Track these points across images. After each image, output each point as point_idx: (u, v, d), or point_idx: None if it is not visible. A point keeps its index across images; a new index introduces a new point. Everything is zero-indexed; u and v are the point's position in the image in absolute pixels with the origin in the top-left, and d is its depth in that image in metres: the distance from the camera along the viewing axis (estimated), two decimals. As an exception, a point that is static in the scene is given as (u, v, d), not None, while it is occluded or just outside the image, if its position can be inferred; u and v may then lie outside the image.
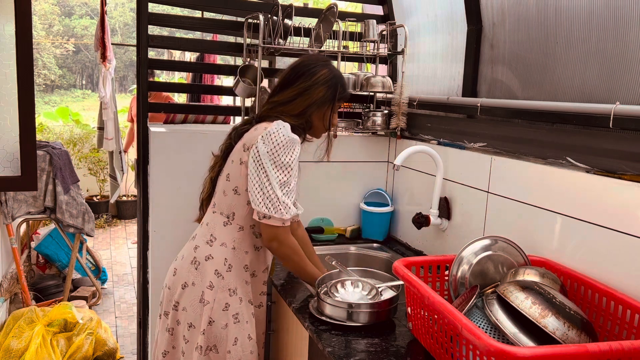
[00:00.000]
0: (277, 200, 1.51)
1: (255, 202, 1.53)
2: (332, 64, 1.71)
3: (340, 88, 1.66)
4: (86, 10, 14.54)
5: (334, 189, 2.46)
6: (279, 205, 1.52)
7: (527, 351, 1.01)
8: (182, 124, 2.49)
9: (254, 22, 2.26)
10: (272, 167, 1.51)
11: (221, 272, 1.61)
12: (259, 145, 1.53)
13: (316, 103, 1.63)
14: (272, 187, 1.51)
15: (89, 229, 3.71)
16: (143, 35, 2.22)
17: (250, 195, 1.55)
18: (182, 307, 1.63)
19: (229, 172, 1.63)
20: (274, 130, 1.53)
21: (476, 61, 2.08)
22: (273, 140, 1.52)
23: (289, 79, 1.65)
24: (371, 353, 1.37)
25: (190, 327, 1.61)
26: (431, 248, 2.17)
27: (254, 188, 1.53)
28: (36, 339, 2.73)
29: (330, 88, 1.63)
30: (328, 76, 1.63)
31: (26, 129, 2.17)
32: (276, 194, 1.51)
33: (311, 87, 1.61)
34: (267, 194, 1.51)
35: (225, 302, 1.60)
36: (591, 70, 1.59)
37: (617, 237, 1.35)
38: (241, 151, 1.60)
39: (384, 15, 2.62)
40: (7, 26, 2.09)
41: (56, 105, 12.35)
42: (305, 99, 1.62)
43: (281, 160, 1.52)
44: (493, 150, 1.87)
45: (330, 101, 1.64)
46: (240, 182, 1.60)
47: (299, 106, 1.62)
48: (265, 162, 1.51)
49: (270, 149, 1.52)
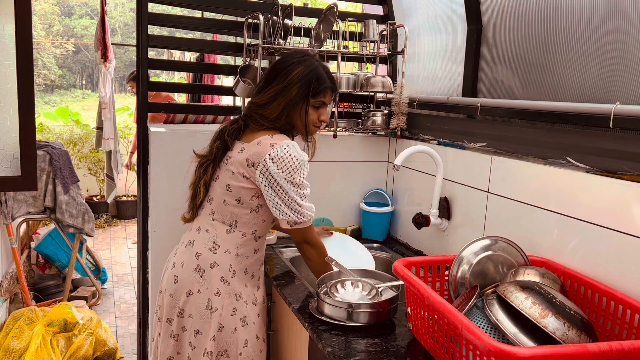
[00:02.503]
0: (301, 208, 1.60)
1: (284, 214, 1.59)
2: (310, 58, 1.66)
3: (315, 83, 1.61)
4: (86, 10, 14.54)
5: (334, 189, 2.46)
6: (304, 210, 1.62)
7: (527, 351, 1.01)
8: (182, 124, 2.49)
9: (254, 22, 2.26)
10: (291, 187, 1.57)
11: (227, 278, 1.62)
12: (271, 168, 1.54)
13: (290, 104, 1.61)
14: (294, 201, 1.58)
15: (89, 229, 3.71)
16: (143, 35, 2.22)
17: (275, 210, 1.60)
18: (188, 315, 1.63)
19: (229, 183, 1.61)
20: (285, 154, 1.54)
21: (476, 61, 2.08)
22: (286, 164, 1.54)
23: (267, 79, 1.65)
24: (371, 353, 1.37)
25: (197, 333, 1.62)
26: (431, 248, 2.17)
27: (278, 204, 1.58)
28: (36, 339, 2.73)
29: (304, 86, 1.60)
30: (302, 74, 1.60)
31: (26, 129, 2.17)
32: (301, 204, 1.60)
33: (285, 88, 1.60)
34: (293, 206, 1.59)
35: (232, 307, 1.62)
36: (591, 70, 1.59)
37: (617, 237, 1.35)
38: (244, 166, 1.58)
39: (384, 15, 2.62)
40: (7, 26, 2.09)
41: (56, 105, 12.34)
42: (280, 101, 1.60)
43: (297, 180, 1.57)
44: (493, 150, 1.87)
45: (304, 98, 1.61)
46: (243, 194, 1.61)
47: (275, 109, 1.61)
48: (282, 184, 1.56)
49: (286, 175, 1.55)
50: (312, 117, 1.65)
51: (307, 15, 2.53)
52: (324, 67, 1.67)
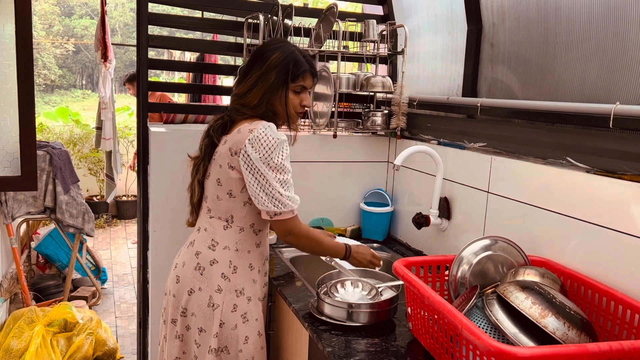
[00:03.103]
0: (281, 196, 1.54)
1: (262, 204, 1.54)
2: (287, 44, 1.64)
3: (294, 67, 1.59)
4: (86, 10, 14.54)
5: (334, 189, 2.46)
6: (285, 200, 1.54)
7: (527, 351, 1.01)
8: (182, 124, 2.49)
9: (254, 22, 2.26)
10: (269, 170, 1.52)
11: (227, 274, 1.62)
12: (249, 151, 1.52)
13: (270, 89, 1.59)
14: (273, 187, 1.52)
15: (89, 229, 3.71)
16: (143, 35, 2.22)
17: (255, 199, 1.56)
18: (191, 313, 1.64)
19: (219, 177, 1.61)
20: (261, 134, 1.52)
21: (476, 61, 2.08)
22: (262, 144, 1.51)
23: (246, 69, 1.64)
24: (371, 353, 1.37)
25: (201, 331, 1.62)
26: (431, 248, 2.17)
27: (256, 192, 1.54)
28: (36, 339, 2.73)
29: (282, 70, 1.58)
30: (279, 59, 1.59)
31: (26, 129, 2.17)
32: (279, 192, 1.53)
33: (263, 74, 1.59)
34: (271, 194, 1.53)
35: (233, 304, 1.62)
36: (591, 70, 1.59)
37: (617, 237, 1.35)
38: (228, 155, 1.57)
39: (384, 15, 2.62)
40: (7, 26, 2.09)
41: (56, 105, 12.34)
42: (260, 88, 1.59)
43: (275, 162, 1.52)
44: (493, 150, 1.87)
45: (283, 84, 1.60)
46: (233, 186, 1.60)
47: (255, 97, 1.60)
48: (260, 167, 1.52)
49: (262, 155, 1.51)
50: (293, 102, 1.63)
51: (307, 15, 2.53)
52: (301, 51, 1.65)
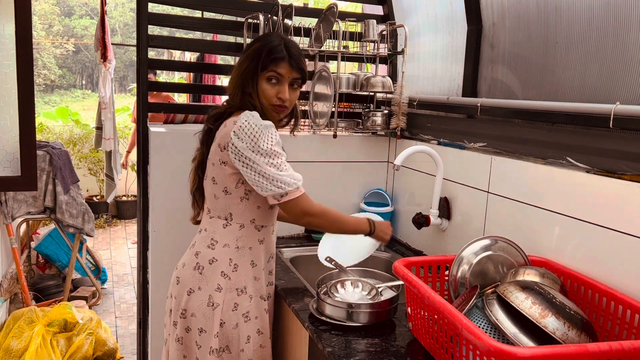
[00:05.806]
0: (280, 177, 1.50)
1: (265, 189, 1.50)
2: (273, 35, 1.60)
3: (266, 54, 1.53)
4: (86, 10, 14.54)
5: (334, 189, 2.46)
6: (286, 178, 1.50)
7: (527, 351, 1.01)
8: (182, 124, 2.49)
9: (254, 22, 2.26)
10: (259, 157, 1.48)
11: (227, 273, 1.60)
12: (236, 142, 1.49)
13: (242, 77, 1.56)
14: (268, 171, 1.49)
15: (89, 229, 3.71)
16: (143, 35, 2.22)
17: (256, 187, 1.52)
18: (191, 314, 1.62)
19: (213, 176, 1.60)
20: (244, 124, 1.49)
21: (476, 61, 2.08)
22: (246, 133, 1.48)
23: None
24: (371, 353, 1.37)
25: (202, 332, 1.61)
26: (431, 248, 2.17)
27: (255, 178, 1.50)
28: (36, 339, 2.73)
29: (255, 58, 1.54)
30: (257, 48, 1.55)
31: (26, 129, 2.17)
32: (277, 174, 1.49)
33: (239, 63, 1.58)
34: (270, 177, 1.49)
35: (234, 303, 1.60)
36: (591, 70, 1.59)
37: (617, 237, 1.35)
38: (218, 152, 1.56)
39: (384, 15, 2.62)
40: (7, 26, 2.09)
41: (56, 105, 12.34)
42: (233, 76, 1.58)
43: (262, 148, 1.48)
44: (493, 150, 1.87)
45: (255, 71, 1.55)
46: (228, 182, 1.59)
47: (230, 87, 1.59)
48: (249, 155, 1.48)
49: (248, 143, 1.47)
50: (267, 92, 1.57)
51: (307, 15, 2.53)
52: (287, 41, 1.59)
